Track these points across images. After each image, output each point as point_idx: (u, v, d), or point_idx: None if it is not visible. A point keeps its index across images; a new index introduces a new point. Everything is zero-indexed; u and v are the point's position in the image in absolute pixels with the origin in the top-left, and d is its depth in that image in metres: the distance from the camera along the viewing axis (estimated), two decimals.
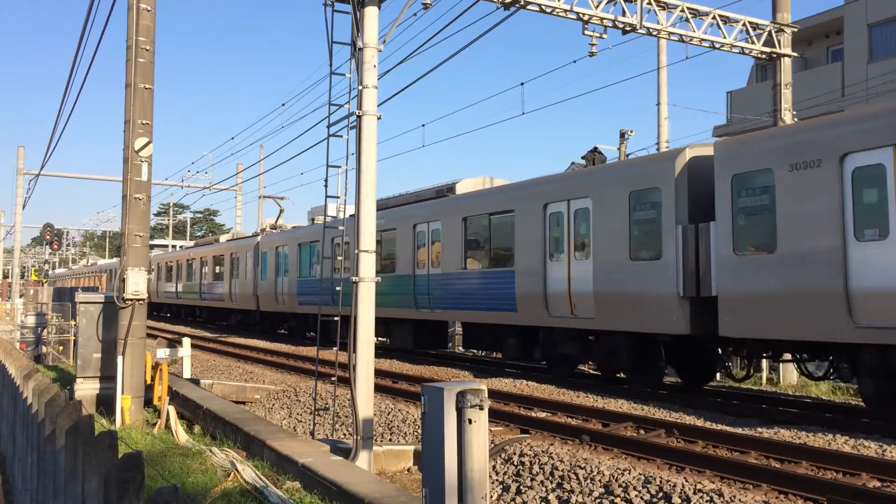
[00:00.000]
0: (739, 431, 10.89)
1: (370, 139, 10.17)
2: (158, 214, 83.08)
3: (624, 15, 14.31)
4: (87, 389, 13.04)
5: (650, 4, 14.68)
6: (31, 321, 24.07)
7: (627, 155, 20.59)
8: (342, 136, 10.88)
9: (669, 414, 12.56)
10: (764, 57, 16.89)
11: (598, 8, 14.04)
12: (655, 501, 7.93)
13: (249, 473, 8.29)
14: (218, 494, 7.62)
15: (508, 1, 13.07)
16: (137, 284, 12.29)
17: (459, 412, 5.77)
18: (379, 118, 10.26)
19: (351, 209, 10.58)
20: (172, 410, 11.61)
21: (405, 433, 12.08)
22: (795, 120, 16.67)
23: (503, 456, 10.06)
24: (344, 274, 22.51)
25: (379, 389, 14.02)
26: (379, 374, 13.65)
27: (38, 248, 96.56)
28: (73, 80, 21.90)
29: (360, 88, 10.23)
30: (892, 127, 10.86)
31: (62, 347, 21.93)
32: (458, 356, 23.17)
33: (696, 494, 7.80)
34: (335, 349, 11.15)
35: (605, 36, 14.36)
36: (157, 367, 13.13)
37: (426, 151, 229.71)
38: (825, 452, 9.39)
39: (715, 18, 15.63)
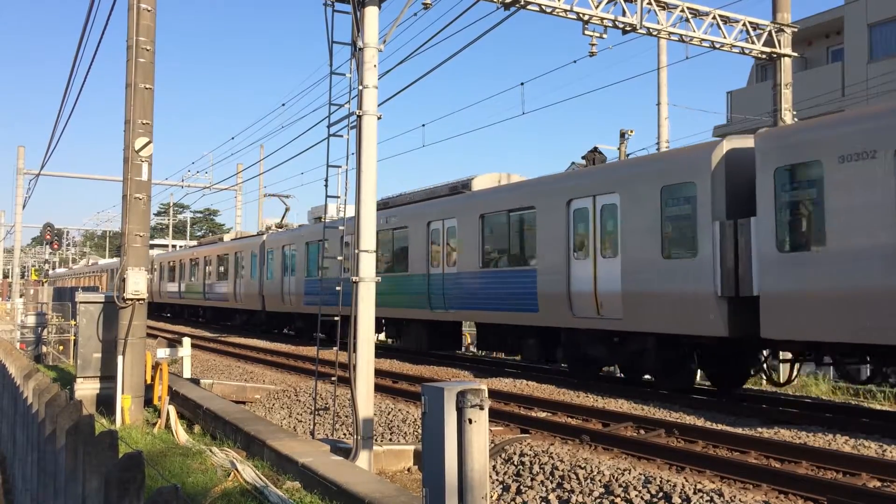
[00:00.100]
0: (739, 431, 10.89)
1: (370, 139, 10.17)
2: (158, 214, 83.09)
3: (624, 15, 14.30)
4: (87, 389, 13.05)
5: (650, 4, 14.67)
6: (31, 321, 24.08)
7: (627, 155, 20.54)
8: (342, 135, 10.89)
9: (669, 414, 12.56)
10: (764, 57, 16.88)
11: (598, 8, 14.03)
12: (655, 501, 7.93)
13: (249, 473, 8.30)
14: (218, 494, 7.62)
15: (508, 1, 13.07)
16: (137, 284, 12.30)
17: (460, 412, 5.77)
18: (379, 118, 10.26)
19: (352, 209, 10.57)
20: (172, 410, 11.61)
21: (405, 433, 12.08)
22: (796, 120, 16.66)
23: (503, 456, 10.07)
24: (345, 273, 22.51)
25: (379, 389, 14.02)
26: (379, 373, 13.65)
27: (38, 247, 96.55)
28: (73, 79, 21.91)
29: (360, 88, 10.23)
30: None
31: (62, 347, 21.93)
32: (458, 356, 23.15)
33: (696, 494, 7.80)
34: (335, 349, 11.15)
35: (605, 36, 14.35)
36: (157, 366, 13.13)
37: (426, 151, 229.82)
38: (825, 452, 9.39)
39: (715, 18, 15.62)
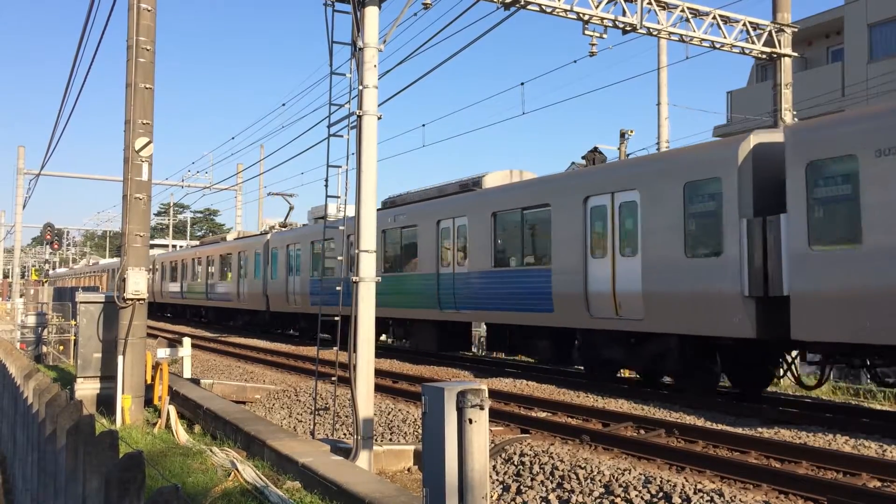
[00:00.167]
0: (740, 431, 10.89)
1: (370, 139, 10.18)
2: (159, 214, 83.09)
3: (624, 15, 14.30)
4: (87, 389, 13.05)
5: (650, 4, 14.67)
6: (31, 321, 24.07)
7: (628, 155, 20.52)
8: (342, 135, 10.89)
9: (669, 414, 12.56)
10: (764, 57, 16.89)
11: (598, 8, 14.03)
12: (656, 501, 7.93)
13: (250, 473, 8.30)
14: (218, 494, 7.62)
15: (509, 1, 13.07)
16: (138, 284, 12.30)
17: (460, 412, 5.77)
18: (379, 118, 10.26)
19: (352, 209, 10.57)
20: (173, 410, 11.61)
21: (405, 433, 12.08)
22: (796, 120, 16.66)
23: (503, 456, 10.07)
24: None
25: (379, 389, 14.02)
26: (379, 373, 13.65)
27: (38, 247, 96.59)
28: (73, 79, 21.92)
29: (360, 88, 10.23)
30: None
31: (62, 347, 21.93)
32: (458, 356, 23.13)
33: (696, 494, 7.80)
34: (335, 349, 11.15)
35: (605, 36, 14.36)
36: (157, 366, 13.13)
37: (426, 151, 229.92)
38: (825, 452, 9.39)
39: (715, 18, 15.62)
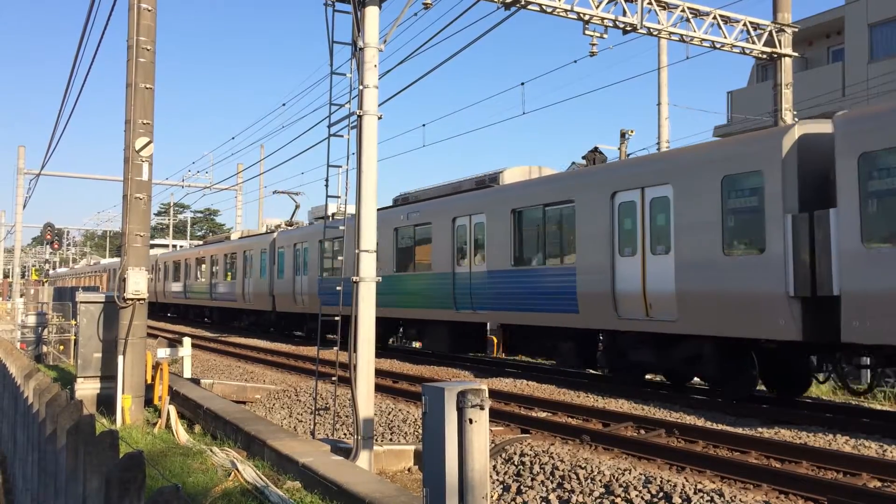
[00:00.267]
0: (740, 431, 10.89)
1: (371, 139, 10.18)
2: (159, 214, 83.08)
3: (624, 15, 14.30)
4: (87, 389, 13.06)
5: (651, 4, 14.67)
6: (31, 321, 24.08)
7: (628, 154, 20.48)
8: (343, 135, 10.90)
9: (670, 414, 12.56)
10: (764, 57, 16.88)
11: (598, 8, 14.03)
12: (656, 501, 7.93)
13: (250, 473, 8.30)
14: (219, 494, 7.62)
15: (509, 1, 13.07)
16: (138, 284, 12.31)
17: (460, 412, 5.77)
18: (380, 118, 10.26)
19: (353, 209, 10.58)
20: (173, 410, 11.61)
21: (406, 433, 12.08)
22: (797, 120, 16.65)
23: (504, 456, 10.07)
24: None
25: (379, 389, 14.02)
26: (379, 373, 13.64)
27: (38, 247, 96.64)
28: (73, 79, 21.93)
29: (360, 88, 10.23)
30: None
31: (63, 347, 21.94)
32: (458, 357, 23.13)
33: (696, 494, 7.80)
34: (336, 349, 11.15)
35: (605, 36, 14.35)
36: (157, 366, 13.14)
37: (426, 151, 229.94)
38: (826, 452, 9.39)
39: (715, 18, 15.62)
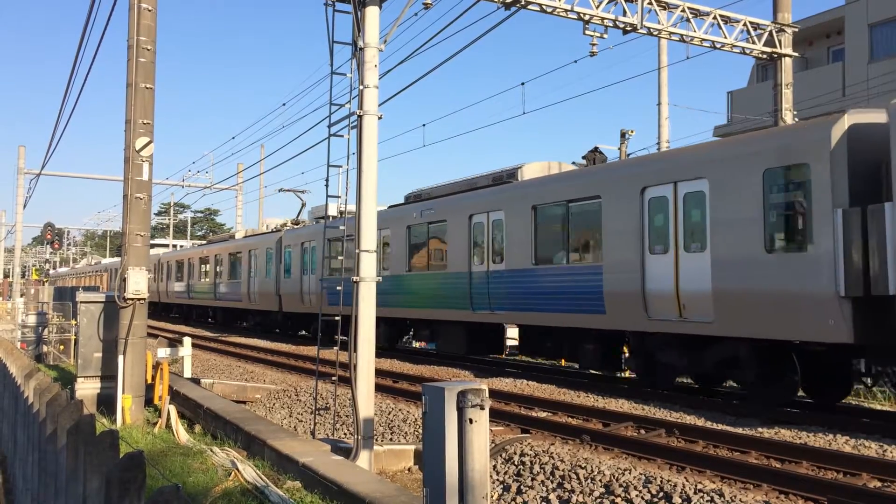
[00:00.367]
0: (740, 431, 10.89)
1: (371, 139, 10.18)
2: (159, 214, 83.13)
3: (625, 15, 14.30)
4: (87, 389, 13.06)
5: (651, 4, 14.67)
6: (31, 320, 24.09)
7: (628, 154, 20.47)
8: (343, 135, 10.90)
9: (670, 414, 12.56)
10: (765, 57, 16.88)
11: (598, 8, 14.03)
12: (656, 501, 7.93)
13: (250, 473, 8.30)
14: (219, 494, 7.62)
15: (509, 1, 13.07)
16: (138, 284, 12.30)
17: (460, 412, 5.77)
18: (380, 118, 10.26)
19: (355, 209, 10.57)
20: (173, 410, 11.62)
21: (406, 433, 12.08)
22: (797, 120, 16.64)
23: (504, 455, 10.07)
24: (383, 271, 22.05)
25: (380, 389, 14.01)
26: (379, 373, 13.65)
27: (38, 247, 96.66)
28: (73, 79, 21.94)
29: (360, 88, 10.23)
30: None
31: (63, 347, 21.93)
32: (456, 357, 23.11)
33: (696, 494, 7.81)
34: (336, 349, 11.16)
35: (605, 36, 14.35)
36: (157, 366, 13.14)
37: (427, 151, 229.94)
38: (826, 452, 9.39)
39: (716, 18, 15.62)
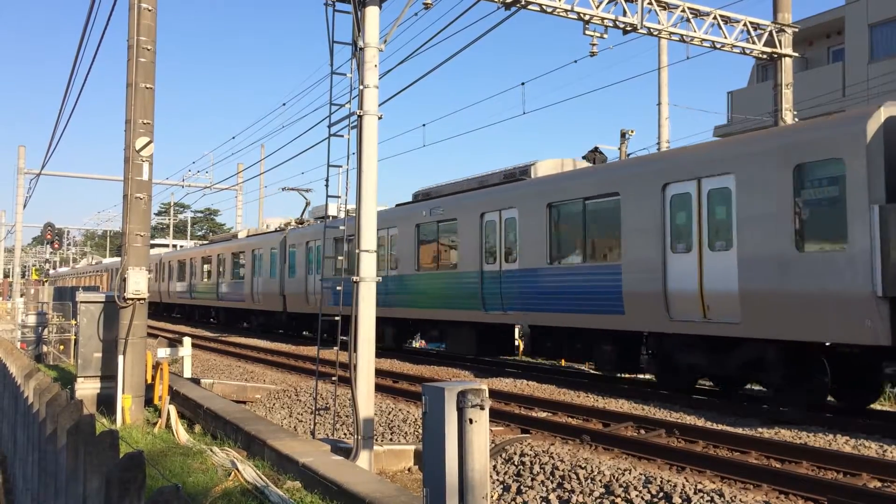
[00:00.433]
0: (740, 431, 10.89)
1: (371, 139, 10.18)
2: (159, 214, 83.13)
3: (625, 15, 14.30)
4: (87, 389, 13.05)
5: (651, 4, 14.67)
6: (31, 320, 24.08)
7: (628, 154, 20.45)
8: (343, 135, 10.90)
9: (670, 414, 12.56)
10: (765, 57, 16.88)
11: (598, 8, 14.03)
12: (656, 501, 7.93)
13: (250, 473, 8.30)
14: (219, 494, 7.62)
15: (509, 1, 13.07)
16: (138, 284, 12.30)
17: (460, 412, 5.77)
18: (380, 118, 10.27)
19: (355, 209, 10.58)
20: (173, 410, 11.61)
21: (406, 433, 12.08)
22: (797, 120, 16.64)
23: (504, 456, 10.07)
24: (390, 271, 21.82)
25: (379, 389, 14.02)
26: (379, 373, 13.65)
27: (38, 247, 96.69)
28: (74, 79, 21.95)
29: (361, 88, 10.24)
30: None
31: (63, 347, 21.93)
32: (457, 356, 23.11)
33: (696, 494, 7.80)
34: (336, 349, 11.16)
35: (605, 36, 14.35)
36: (157, 366, 13.14)
37: (427, 151, 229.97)
38: (826, 453, 9.39)
39: (716, 18, 15.62)
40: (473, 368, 19.39)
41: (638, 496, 8.09)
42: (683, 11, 15.19)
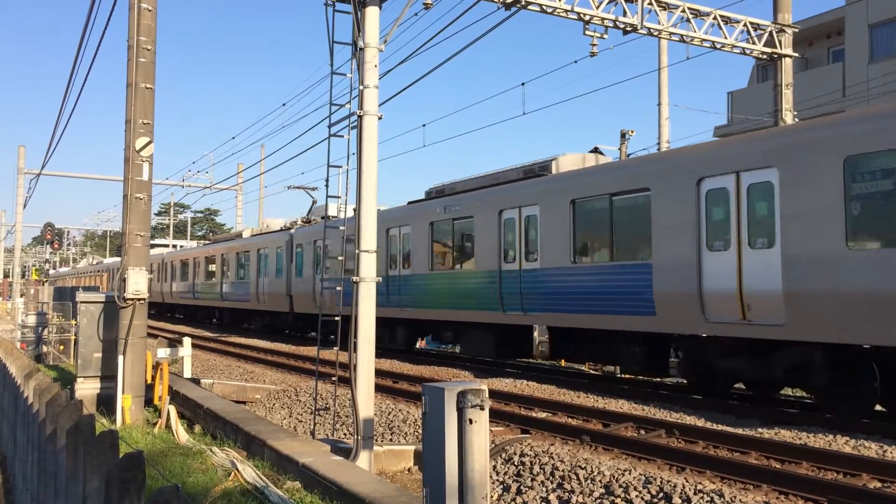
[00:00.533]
0: (740, 432, 10.89)
1: (371, 139, 10.18)
2: (159, 214, 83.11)
3: (625, 15, 14.31)
4: (87, 389, 13.05)
5: (651, 5, 14.68)
6: (31, 320, 24.08)
7: (628, 155, 20.44)
8: (343, 135, 10.90)
9: (670, 414, 12.56)
10: (765, 57, 16.89)
11: (599, 8, 14.04)
12: (656, 502, 7.93)
13: (250, 473, 8.30)
14: (218, 494, 7.62)
15: (509, 1, 13.07)
16: (138, 284, 12.31)
17: (460, 412, 5.77)
18: (380, 118, 10.27)
19: (355, 209, 10.58)
20: (173, 410, 11.61)
21: (406, 433, 12.08)
22: (797, 121, 16.64)
23: (504, 456, 10.07)
24: (402, 270, 21.60)
25: (379, 389, 14.02)
26: (379, 373, 13.65)
27: (38, 247, 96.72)
28: (74, 79, 21.95)
29: (361, 88, 10.24)
30: None
31: (63, 347, 21.93)
32: (457, 356, 23.12)
33: (696, 495, 7.80)
34: (336, 349, 11.16)
35: (606, 36, 14.36)
36: (157, 366, 13.14)
37: (427, 151, 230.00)
38: (826, 453, 9.39)
39: (716, 19, 15.63)
40: (473, 369, 19.38)
41: (638, 496, 8.09)
42: (683, 12, 15.19)
